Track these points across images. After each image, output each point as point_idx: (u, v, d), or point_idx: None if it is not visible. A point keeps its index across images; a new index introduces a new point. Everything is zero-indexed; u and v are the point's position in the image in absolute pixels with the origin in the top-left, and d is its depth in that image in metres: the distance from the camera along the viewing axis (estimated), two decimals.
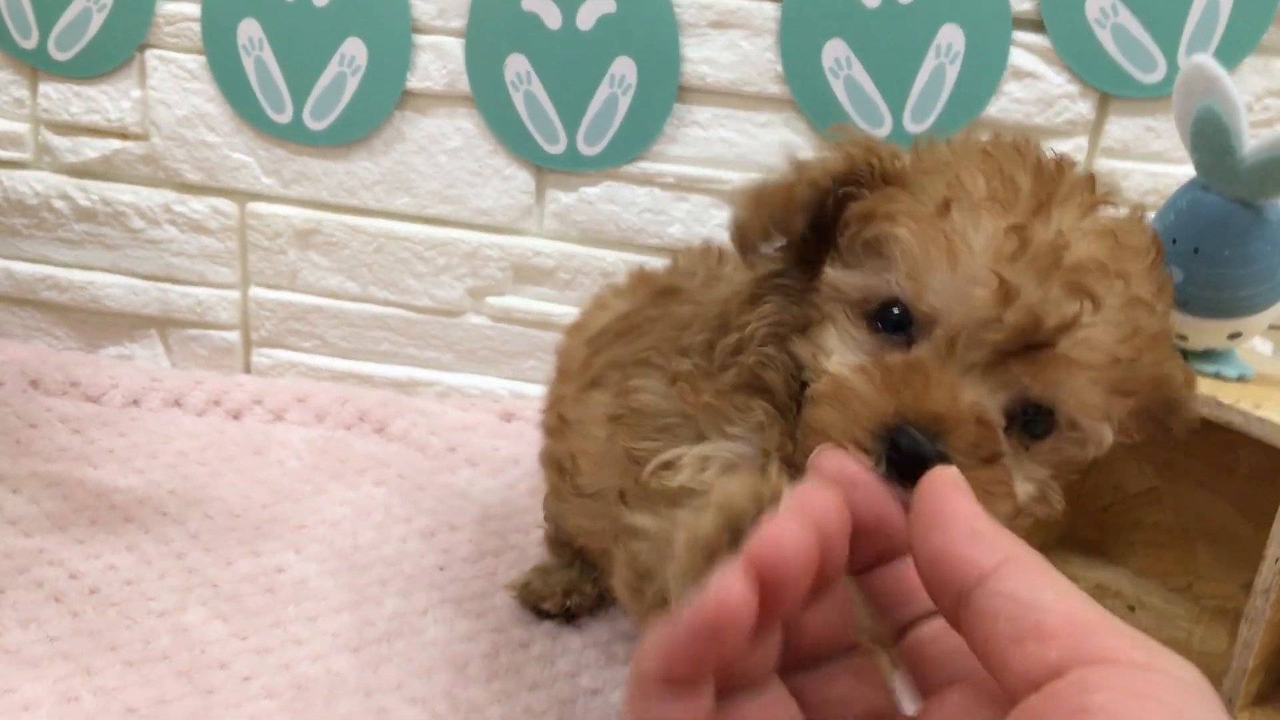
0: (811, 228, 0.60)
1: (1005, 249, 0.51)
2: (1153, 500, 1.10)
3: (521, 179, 1.23)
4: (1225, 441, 1.03)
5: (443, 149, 1.24)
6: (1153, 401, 0.60)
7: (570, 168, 1.22)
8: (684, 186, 1.22)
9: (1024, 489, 0.56)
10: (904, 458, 0.49)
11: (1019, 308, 0.51)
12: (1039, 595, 0.29)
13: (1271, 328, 1.15)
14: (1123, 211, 0.58)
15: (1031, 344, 0.52)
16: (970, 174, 0.54)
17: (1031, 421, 0.55)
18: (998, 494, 0.52)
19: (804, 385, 0.58)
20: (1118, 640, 0.28)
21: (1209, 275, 0.89)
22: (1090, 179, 0.57)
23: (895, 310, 0.55)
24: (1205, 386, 0.92)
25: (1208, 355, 0.94)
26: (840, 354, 0.56)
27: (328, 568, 0.99)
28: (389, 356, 1.33)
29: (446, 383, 1.33)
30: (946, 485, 0.33)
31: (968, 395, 0.51)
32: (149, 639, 0.87)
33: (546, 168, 1.23)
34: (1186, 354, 0.95)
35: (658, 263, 1.23)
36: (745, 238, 0.61)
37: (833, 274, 0.58)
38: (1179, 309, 0.91)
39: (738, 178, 1.20)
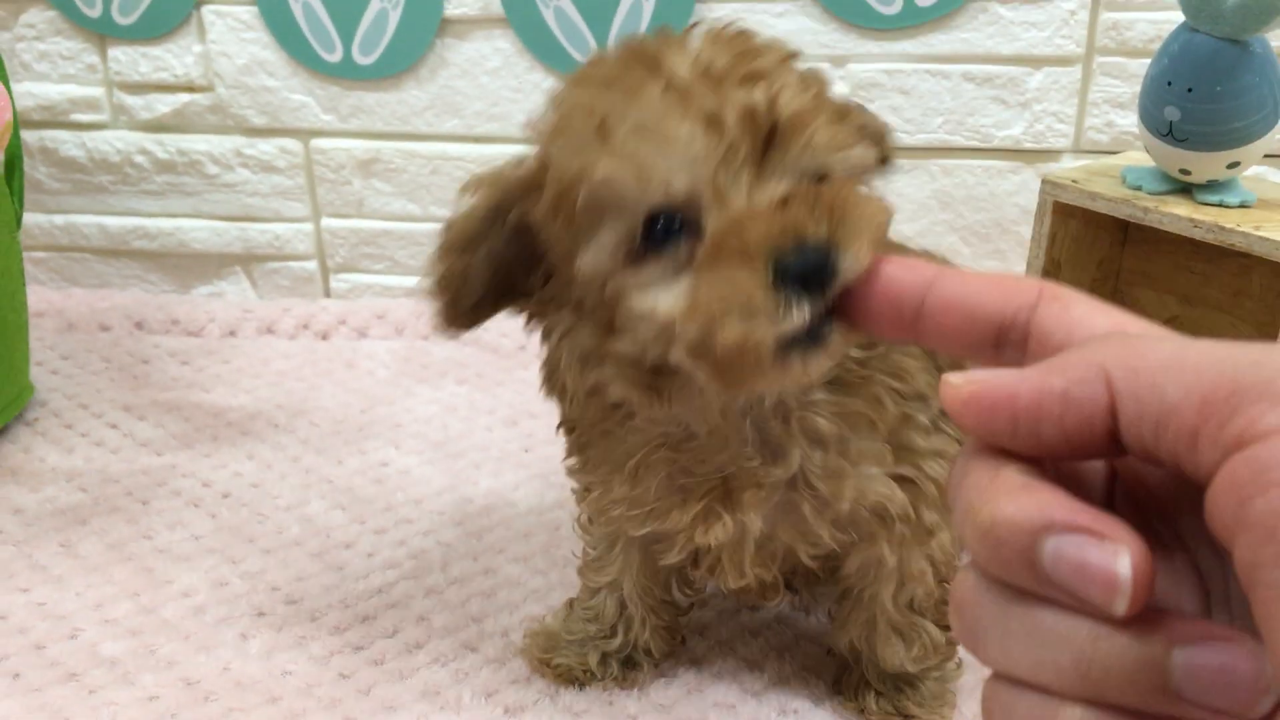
0: (518, 261, 0.61)
1: (674, 102, 0.51)
2: (1175, 328, 1.17)
3: None
4: (1239, 267, 1.11)
5: (484, 70, 1.32)
6: None
7: None
8: None
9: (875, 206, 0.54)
10: (810, 268, 0.47)
11: (731, 122, 0.51)
12: (1163, 397, 0.26)
13: (1270, 156, 1.21)
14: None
15: (766, 137, 0.51)
16: (594, 98, 0.54)
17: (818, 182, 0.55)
18: (857, 204, 0.50)
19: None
20: (1252, 408, 0.25)
21: (1204, 111, 0.95)
22: (660, 29, 0.58)
23: (657, 225, 0.53)
24: (1210, 214, 0.99)
25: (1211, 186, 1.01)
26: (661, 295, 0.53)
27: (425, 458, 1.11)
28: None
29: None
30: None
31: (773, 196, 0.51)
32: (281, 530, 1.00)
33: None
34: (1190, 187, 1.02)
35: None
36: (446, 323, 0.64)
37: (585, 259, 0.55)
38: (1178, 145, 0.98)
39: None
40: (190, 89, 1.37)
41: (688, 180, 0.51)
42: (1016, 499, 0.27)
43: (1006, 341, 0.32)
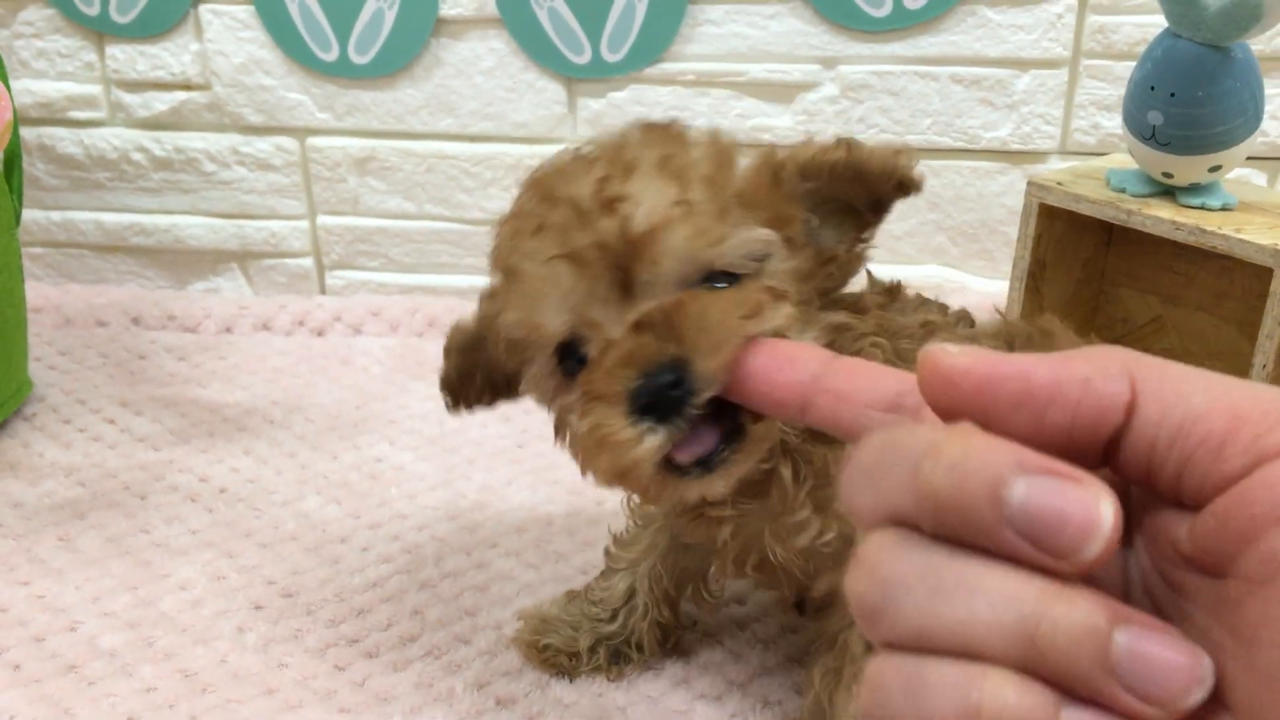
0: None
1: (546, 245, 0.55)
2: (1159, 328, 1.19)
3: (553, 91, 1.33)
4: (1221, 268, 1.13)
5: (478, 70, 1.34)
6: (822, 187, 0.62)
7: (597, 75, 1.32)
8: (704, 83, 1.31)
9: (769, 313, 0.54)
10: (657, 392, 0.50)
11: (590, 255, 0.54)
12: (1188, 405, 0.26)
13: (1253, 159, 1.23)
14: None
15: (628, 261, 0.54)
16: (502, 238, 0.61)
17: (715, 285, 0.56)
18: (706, 314, 0.51)
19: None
20: None
21: (1186, 115, 0.97)
22: (583, 146, 0.61)
23: (563, 359, 0.58)
24: (1192, 217, 1.01)
25: (1193, 189, 1.03)
26: (574, 418, 0.58)
27: (420, 454, 1.12)
28: (449, 268, 1.44)
29: None
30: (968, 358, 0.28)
31: (620, 331, 0.54)
32: (277, 525, 1.01)
33: (575, 78, 1.32)
34: (1173, 190, 1.04)
35: None
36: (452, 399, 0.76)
37: (524, 387, 0.65)
38: (1161, 149, 1.00)
39: (754, 69, 1.30)
40: (187, 87, 1.38)
41: (567, 319, 0.56)
42: (989, 440, 0.27)
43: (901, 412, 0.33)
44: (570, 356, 0.57)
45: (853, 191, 0.63)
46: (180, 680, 0.83)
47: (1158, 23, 0.97)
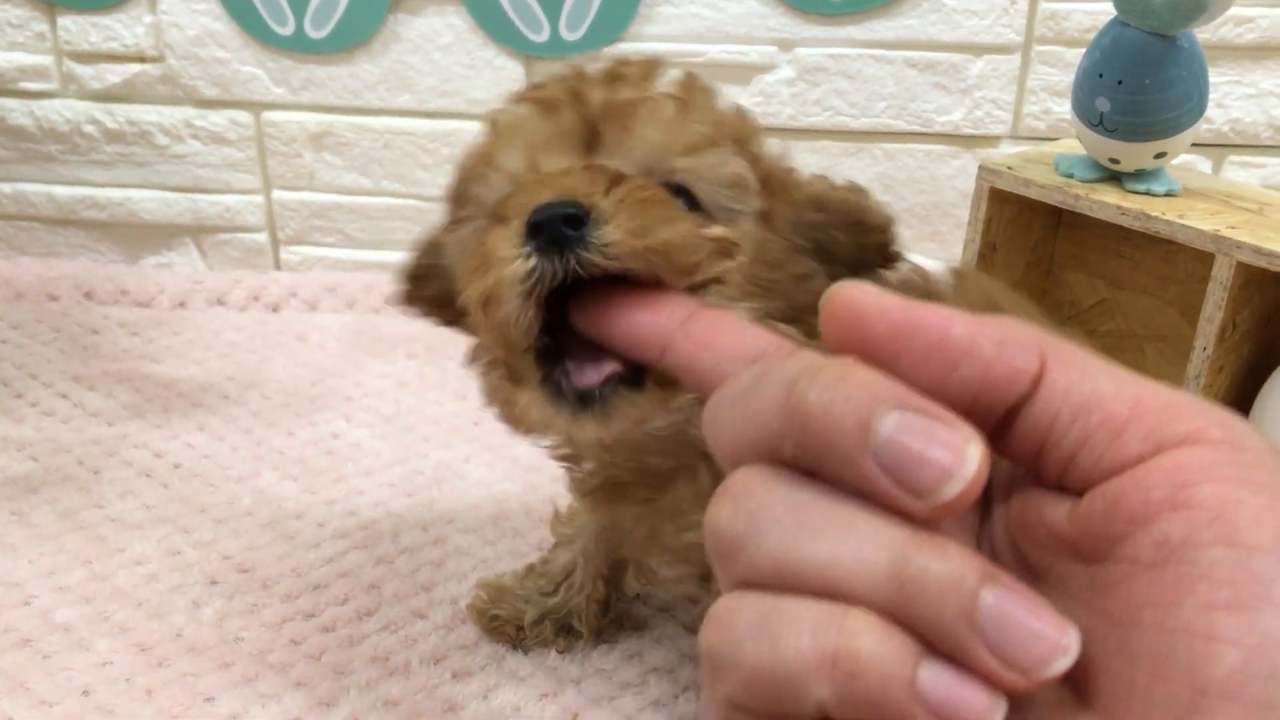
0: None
1: (532, 98, 0.54)
2: (1104, 311, 1.22)
3: (511, 69, 1.33)
4: (1165, 252, 1.15)
5: (436, 46, 1.33)
6: (818, 224, 0.60)
7: (555, 54, 1.32)
8: (662, 64, 1.32)
9: (707, 229, 0.52)
10: (553, 221, 0.46)
11: (563, 103, 0.52)
12: (1095, 385, 0.26)
13: (1197, 146, 1.26)
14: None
15: (597, 119, 0.52)
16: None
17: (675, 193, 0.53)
18: (652, 202, 0.48)
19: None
20: (1195, 419, 0.25)
21: (1132, 103, 0.99)
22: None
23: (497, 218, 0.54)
24: (1137, 202, 1.03)
25: (1139, 175, 1.05)
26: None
27: (376, 431, 1.13)
28: (406, 244, 1.43)
29: None
30: (885, 301, 0.27)
31: (565, 162, 0.52)
32: (232, 500, 1.01)
33: (533, 56, 1.33)
34: (1119, 175, 1.06)
35: None
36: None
37: (450, 238, 0.61)
38: (1108, 135, 1.02)
39: (712, 50, 1.30)
40: (141, 59, 1.37)
41: (520, 161, 0.52)
42: (870, 371, 0.26)
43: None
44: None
45: (843, 241, 0.61)
46: (136, 654, 0.83)
47: (1108, 10, 0.99)
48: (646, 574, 0.87)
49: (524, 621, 0.85)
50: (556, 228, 0.45)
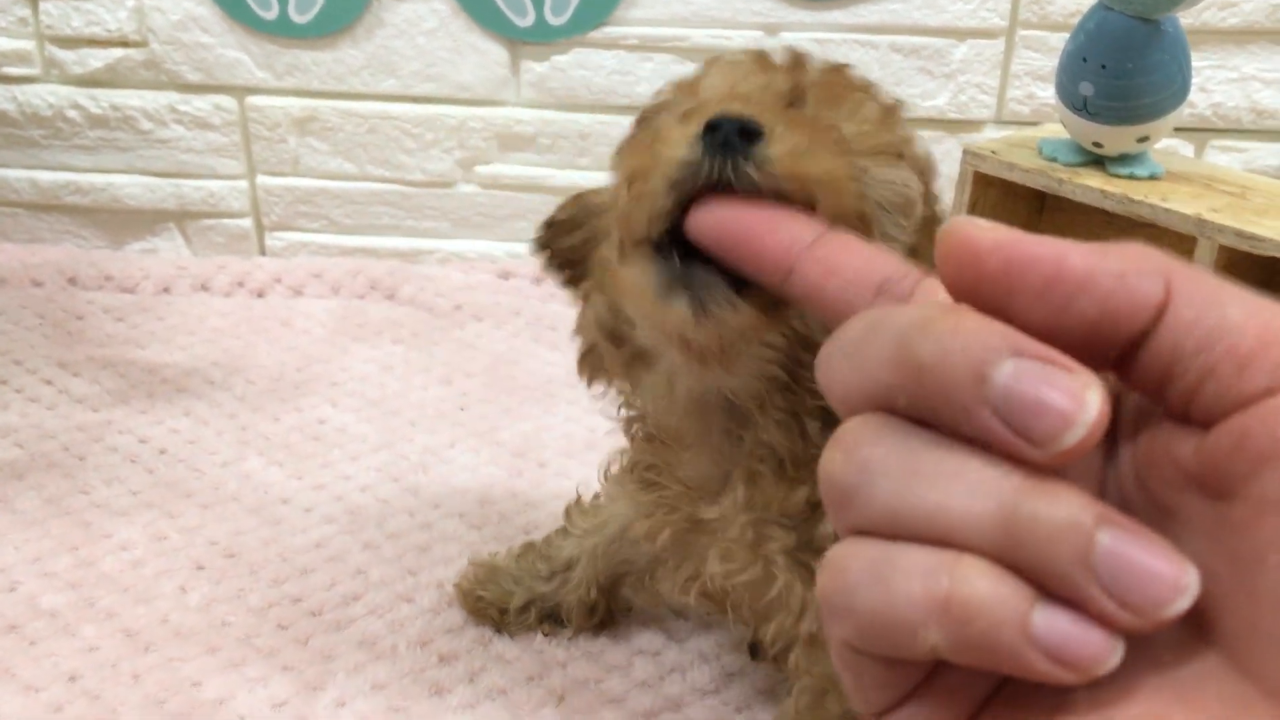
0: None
1: (749, 58, 0.57)
2: None
3: (496, 53, 1.33)
4: (1149, 236, 1.15)
5: (420, 30, 1.33)
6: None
7: (541, 39, 1.32)
8: (648, 47, 1.32)
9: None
10: (724, 130, 0.45)
11: (781, 60, 0.56)
12: (1223, 314, 0.24)
13: (1180, 130, 1.26)
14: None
15: (804, 89, 0.54)
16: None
17: None
18: (820, 132, 0.49)
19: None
20: None
21: (1116, 87, 1.00)
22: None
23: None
24: (1120, 186, 1.04)
25: (1122, 159, 1.06)
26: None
27: (362, 416, 1.13)
28: (391, 229, 1.44)
29: (446, 249, 1.44)
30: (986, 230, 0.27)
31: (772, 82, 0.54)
32: (218, 485, 1.01)
33: (519, 40, 1.32)
34: (1103, 159, 1.07)
35: (627, 124, 1.34)
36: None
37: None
38: (1092, 119, 1.02)
39: (697, 34, 1.30)
40: (124, 44, 1.36)
41: (721, 91, 0.53)
42: (984, 320, 0.25)
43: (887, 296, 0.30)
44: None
45: None
46: (122, 639, 0.83)
47: None
48: (643, 590, 0.83)
49: (509, 605, 0.85)
50: (730, 133, 0.44)
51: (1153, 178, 1.05)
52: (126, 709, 0.77)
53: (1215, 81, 1.28)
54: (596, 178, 1.41)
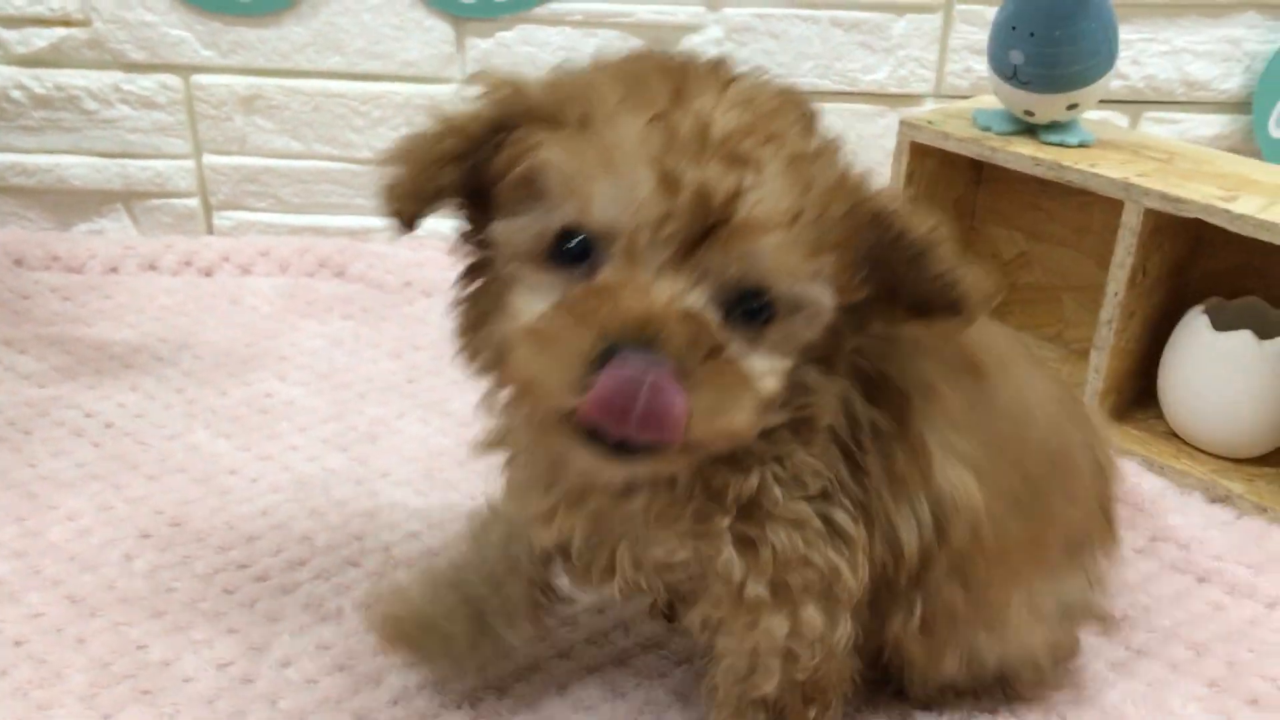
0: (477, 189, 0.57)
1: (653, 141, 0.51)
2: (1024, 263, 1.25)
3: (441, 30, 1.34)
4: (1081, 204, 1.18)
5: (365, 7, 1.33)
6: (882, 249, 0.56)
7: (484, 15, 1.33)
8: (591, 23, 1.33)
9: (765, 381, 0.54)
10: (630, 357, 0.49)
11: (685, 193, 0.50)
12: None
13: (1113, 102, 1.29)
14: (756, 80, 0.57)
15: (710, 226, 0.51)
16: (602, 85, 0.54)
17: (750, 310, 0.53)
18: (732, 386, 0.52)
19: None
20: None
21: (1044, 55, 1.02)
22: (719, 63, 0.58)
23: (570, 241, 0.53)
24: (1051, 153, 1.06)
25: (1053, 127, 1.08)
26: (526, 305, 0.54)
27: (311, 389, 1.13)
28: (340, 208, 1.44)
29: None
30: None
31: (664, 293, 0.51)
32: (165, 457, 1.02)
33: (463, 17, 1.33)
34: (1035, 128, 1.09)
35: None
36: (396, 202, 0.57)
37: (500, 227, 0.56)
38: (1022, 87, 1.05)
39: (641, 10, 1.32)
40: (67, 23, 1.35)
41: (612, 217, 0.51)
42: None
43: None
44: (572, 246, 0.53)
45: (905, 276, 0.57)
46: (68, 605, 0.83)
47: None
48: (540, 602, 0.76)
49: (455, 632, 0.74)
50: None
51: (1083, 145, 1.08)
52: (72, 671, 0.77)
53: (1147, 54, 1.31)
54: None
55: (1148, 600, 0.89)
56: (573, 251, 0.53)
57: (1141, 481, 1.02)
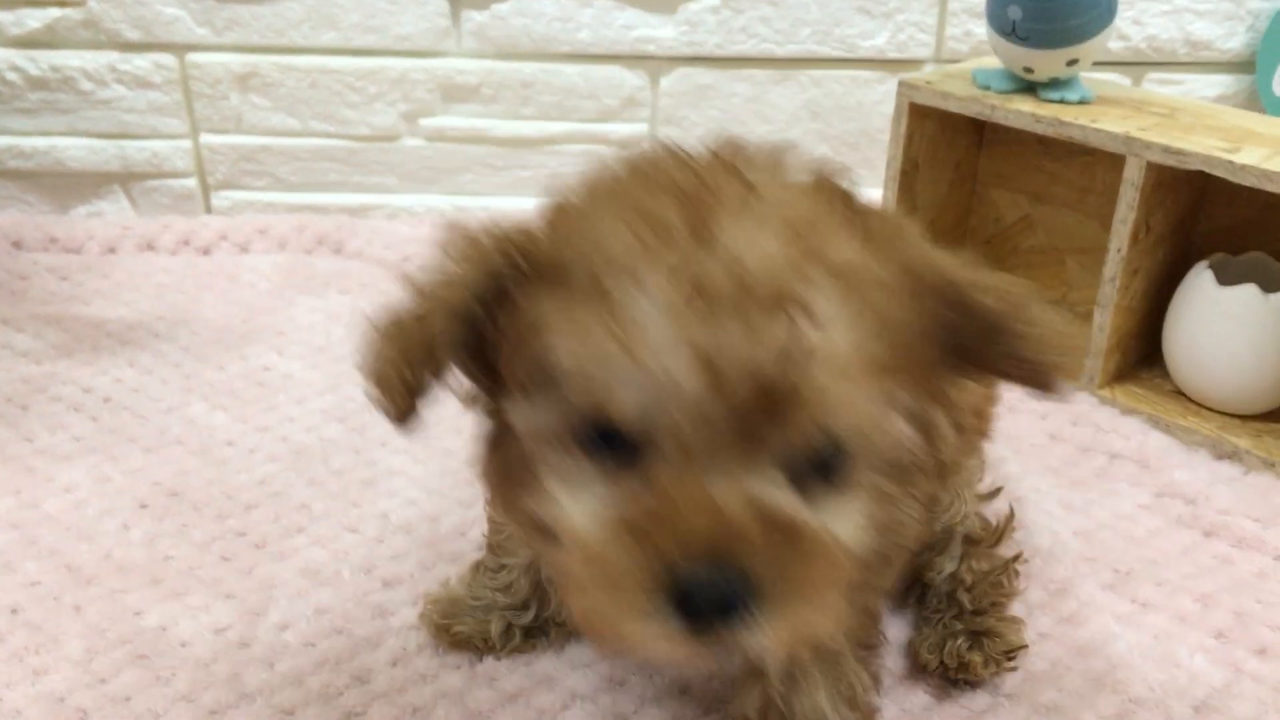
0: (477, 354, 0.50)
1: (680, 305, 0.43)
2: (1027, 227, 1.24)
3: (436, 3, 1.33)
4: (1084, 165, 1.17)
5: None
6: (952, 325, 0.49)
7: None
8: None
9: (852, 539, 0.49)
10: (708, 609, 0.43)
11: (730, 374, 0.42)
12: None
13: (1115, 64, 1.27)
14: (780, 175, 0.50)
15: (767, 401, 0.43)
16: (609, 228, 0.46)
17: (823, 464, 0.47)
18: (825, 576, 0.46)
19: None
20: None
21: (1042, 9, 1.01)
22: (733, 155, 0.50)
23: (602, 433, 0.46)
24: (1052, 110, 1.05)
25: (1053, 84, 1.07)
26: (570, 504, 0.47)
27: (308, 362, 1.13)
28: (337, 186, 1.44)
29: (394, 204, 1.44)
30: None
31: (726, 495, 0.44)
32: (163, 430, 1.01)
33: None
34: (1035, 86, 1.08)
35: (570, 72, 1.34)
36: (389, 398, 0.49)
37: (516, 414, 0.49)
38: (1021, 44, 1.03)
39: None
40: (61, 4, 1.35)
41: (646, 413, 0.44)
42: None
43: None
44: (601, 436, 0.46)
45: (980, 349, 0.49)
46: (64, 574, 0.83)
47: None
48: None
49: (491, 634, 0.76)
50: (715, 606, 0.43)
51: (1083, 102, 1.07)
52: (68, 638, 0.77)
53: (1149, 15, 1.29)
54: (540, 127, 1.41)
55: (1154, 555, 0.88)
56: (608, 440, 0.46)
57: (1148, 439, 1.01)
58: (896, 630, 0.78)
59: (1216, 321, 1.00)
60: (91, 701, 0.72)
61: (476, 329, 0.48)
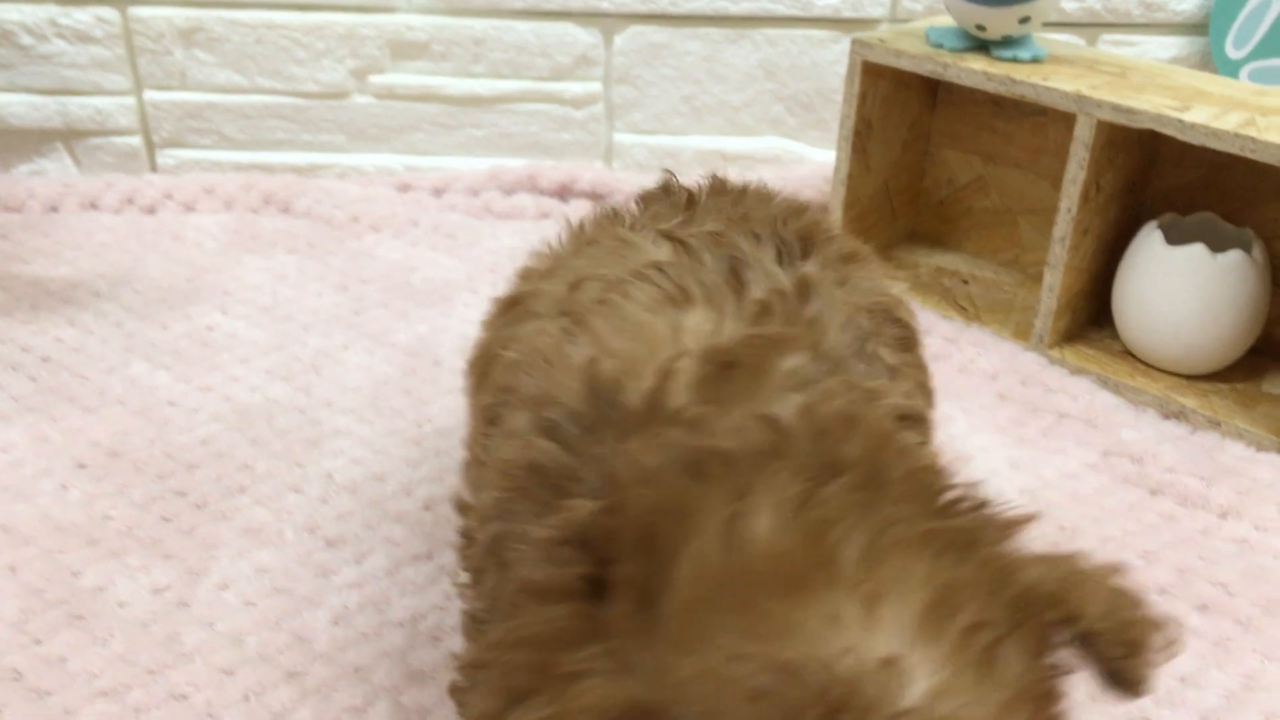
0: None
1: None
2: (980, 188, 1.24)
3: None
4: (1036, 125, 1.17)
5: None
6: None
7: None
8: None
9: None
10: None
11: None
12: None
13: (1070, 25, 1.27)
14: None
15: None
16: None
17: None
18: None
19: None
20: None
21: None
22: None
23: None
24: (1004, 69, 1.04)
25: (1006, 43, 1.07)
26: None
27: (254, 322, 1.11)
28: (286, 144, 1.41)
29: (344, 163, 1.42)
30: None
31: None
32: (103, 390, 0.99)
33: None
34: (987, 44, 1.07)
35: (522, 29, 1.32)
36: None
37: None
38: (972, 1, 1.03)
39: None
40: None
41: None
42: None
43: None
44: None
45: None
46: (0, 534, 0.81)
47: None
48: None
49: None
50: None
51: (1035, 61, 1.06)
52: (3, 598, 0.76)
53: None
54: (491, 85, 1.39)
55: (1099, 513, 0.88)
56: None
57: (1095, 399, 1.01)
58: None
59: (1165, 281, 1.00)
60: (26, 662, 0.71)
61: None
